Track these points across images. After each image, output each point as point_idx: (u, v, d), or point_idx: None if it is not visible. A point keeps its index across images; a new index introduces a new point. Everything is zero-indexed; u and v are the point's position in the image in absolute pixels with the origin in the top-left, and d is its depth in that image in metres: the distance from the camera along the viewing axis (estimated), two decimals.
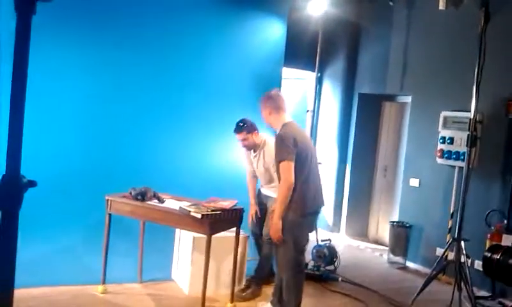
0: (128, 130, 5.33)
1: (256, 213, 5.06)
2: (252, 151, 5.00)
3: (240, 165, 5.36)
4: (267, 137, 4.96)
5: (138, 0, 5.52)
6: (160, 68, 5.60)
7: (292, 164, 3.87)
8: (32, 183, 1.23)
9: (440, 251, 5.86)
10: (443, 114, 6.26)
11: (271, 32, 6.51)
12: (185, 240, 5.03)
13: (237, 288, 4.81)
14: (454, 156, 6.07)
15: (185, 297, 4.83)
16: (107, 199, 4.57)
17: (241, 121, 4.86)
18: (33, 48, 1.32)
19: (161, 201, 4.61)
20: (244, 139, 4.85)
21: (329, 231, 8.15)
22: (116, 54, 5.36)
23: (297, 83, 8.11)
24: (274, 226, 3.93)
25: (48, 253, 4.70)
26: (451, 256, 5.14)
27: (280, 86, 6.20)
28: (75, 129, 5.02)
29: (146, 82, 5.45)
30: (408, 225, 6.83)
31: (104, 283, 4.65)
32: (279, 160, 3.94)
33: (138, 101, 5.39)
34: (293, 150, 3.89)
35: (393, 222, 7.04)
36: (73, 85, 5.07)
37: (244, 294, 4.92)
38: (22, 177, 1.21)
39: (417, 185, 6.86)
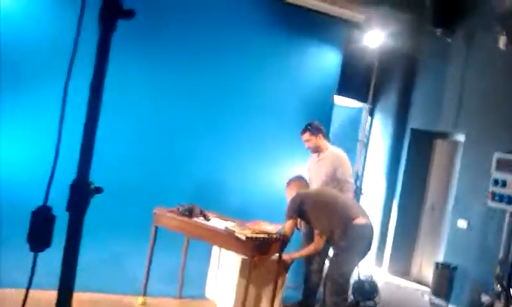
0: (181, 147, 5.45)
1: None
2: (316, 155, 5.15)
3: None
4: (335, 149, 5.16)
5: (200, 25, 5.68)
6: (217, 90, 5.73)
7: None
8: (99, 190, 1.31)
9: (485, 298, 5.68)
10: (497, 155, 6.10)
11: (326, 60, 6.56)
12: (227, 261, 5.05)
13: None
14: (507, 200, 5.89)
15: None
16: (155, 213, 4.67)
17: (309, 123, 5.12)
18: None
19: (207, 219, 4.68)
20: (307, 140, 5.11)
21: (371, 266, 8.02)
22: (177, 74, 5.54)
23: (348, 112, 8.08)
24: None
25: (94, 260, 4.80)
26: (498, 305, 4.97)
27: (330, 114, 6.21)
28: (130, 142, 5.17)
29: (202, 104, 5.59)
30: (453, 267, 6.65)
31: (144, 294, 4.73)
32: None
33: (193, 121, 5.52)
34: None
35: (438, 263, 6.87)
36: (135, 100, 5.24)
37: None
38: (90, 183, 1.29)
39: (465, 226, 6.69)
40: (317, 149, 5.16)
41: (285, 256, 4.57)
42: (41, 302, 2.09)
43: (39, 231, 1.32)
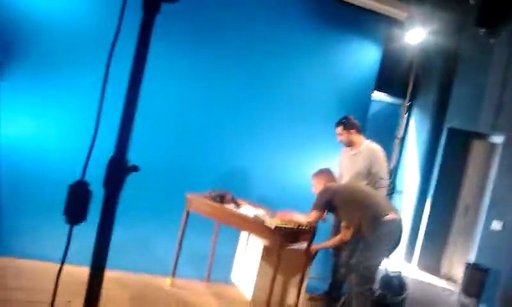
0: (216, 135, 5.50)
1: None
2: (350, 149, 5.13)
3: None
4: (371, 143, 5.10)
5: (240, 18, 5.70)
6: (253, 82, 5.75)
7: None
8: (135, 168, 1.34)
9: None
10: None
11: (366, 55, 6.51)
12: (253, 248, 5.11)
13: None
14: None
15: (247, 303, 4.90)
16: (188, 197, 4.73)
17: (343, 117, 5.10)
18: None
19: (238, 205, 4.72)
20: (339, 134, 5.10)
21: (401, 261, 7.96)
22: (213, 65, 5.58)
23: (386, 108, 8.00)
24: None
25: (125, 239, 4.89)
26: None
27: (367, 109, 6.16)
28: (166, 126, 5.24)
29: (239, 95, 5.62)
30: (484, 268, 6.55)
31: (173, 275, 4.82)
32: None
33: (228, 110, 5.56)
34: None
35: (469, 263, 6.77)
36: (172, 86, 5.30)
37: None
38: (127, 161, 1.32)
39: (500, 228, 6.57)
40: (349, 144, 5.13)
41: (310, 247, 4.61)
42: (73, 277, 2.15)
43: (75, 205, 1.36)
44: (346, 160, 5.17)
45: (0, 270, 4.23)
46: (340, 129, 5.08)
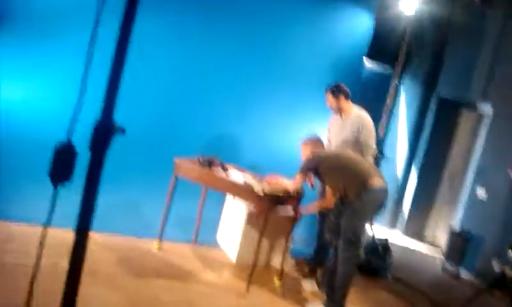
0: (205, 101, 5.46)
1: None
2: (340, 116, 5.13)
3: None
4: (360, 111, 5.09)
5: None
6: (243, 48, 5.69)
7: None
8: (121, 130, 1.33)
9: (497, 266, 5.71)
10: None
11: (357, 25, 6.47)
12: (238, 212, 5.15)
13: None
14: None
15: (233, 265, 4.97)
16: (176, 162, 4.73)
17: (333, 84, 5.08)
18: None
19: (226, 171, 4.74)
20: (328, 100, 5.09)
21: (386, 227, 8.07)
22: (204, 30, 5.51)
23: (377, 76, 7.98)
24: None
25: (112, 202, 4.91)
26: (510, 272, 5.00)
27: (359, 77, 6.15)
28: (154, 91, 5.19)
29: (229, 61, 5.56)
30: (467, 234, 6.67)
31: (160, 239, 4.85)
32: None
33: (219, 76, 5.51)
34: None
35: (453, 228, 6.89)
36: (162, 50, 5.23)
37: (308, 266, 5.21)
38: (113, 123, 1.31)
39: (484, 196, 6.67)
40: (338, 111, 5.12)
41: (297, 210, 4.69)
42: (60, 240, 2.17)
43: (60, 166, 1.35)
44: (335, 126, 5.18)
45: None
46: (329, 96, 5.07)
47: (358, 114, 5.05)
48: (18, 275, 3.52)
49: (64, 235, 1.48)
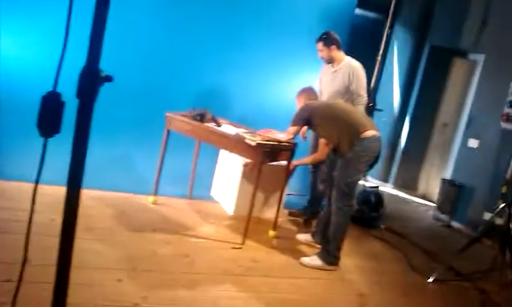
0: (194, 52, 5.36)
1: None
2: (331, 66, 5.11)
3: None
4: (351, 60, 5.05)
5: None
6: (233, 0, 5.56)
7: None
8: (108, 78, 1.31)
9: (488, 216, 5.79)
10: None
11: None
12: (233, 165, 5.17)
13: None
14: None
15: (229, 217, 5.03)
16: (167, 116, 4.71)
17: (324, 33, 5.04)
18: None
19: (218, 124, 4.72)
20: (320, 50, 5.05)
21: (378, 179, 8.14)
22: None
23: (368, 24, 7.87)
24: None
25: (106, 158, 4.91)
26: (499, 221, 5.08)
27: (349, 26, 6.05)
28: (147, 44, 5.09)
29: (218, 12, 5.44)
30: (459, 184, 6.73)
31: (155, 194, 4.88)
32: None
33: (208, 28, 5.39)
34: None
35: (445, 179, 6.95)
36: (151, 4, 5.11)
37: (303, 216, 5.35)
38: (100, 70, 1.29)
39: (476, 146, 6.71)
40: (330, 60, 5.08)
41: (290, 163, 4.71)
42: (56, 197, 2.16)
43: (49, 117, 1.34)
44: (326, 77, 5.15)
45: None
46: (320, 45, 5.03)
47: (349, 63, 5.02)
48: (13, 231, 3.54)
49: (59, 192, 1.48)
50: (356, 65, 5.00)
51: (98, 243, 3.75)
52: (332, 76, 5.06)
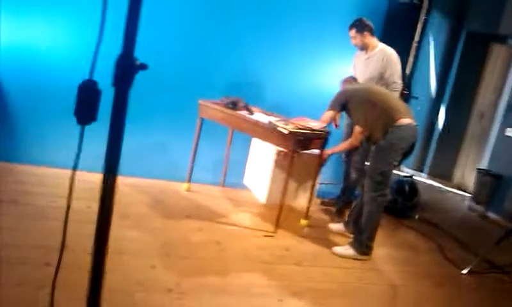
0: (229, 41, 5.37)
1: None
2: (364, 52, 5.07)
3: (333, 90, 5.33)
4: (385, 47, 5.00)
5: None
6: None
7: None
8: (143, 66, 1.32)
9: None
10: None
11: None
12: (266, 153, 5.18)
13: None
14: None
15: (261, 205, 5.04)
16: (200, 104, 4.74)
17: (356, 19, 5.00)
18: None
19: (251, 112, 4.73)
20: (353, 37, 5.01)
21: (412, 169, 8.03)
22: None
23: (404, 10, 7.72)
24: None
25: (141, 146, 4.98)
26: None
27: (383, 11, 5.96)
28: (181, 31, 5.12)
29: (252, 1, 5.44)
30: (496, 174, 6.59)
31: (189, 181, 4.94)
32: None
33: (243, 17, 5.39)
34: None
35: (481, 169, 6.81)
36: None
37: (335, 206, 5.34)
38: (135, 58, 1.31)
39: None
40: (363, 47, 5.03)
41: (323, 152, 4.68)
42: (94, 184, 2.20)
43: (85, 105, 1.36)
44: (360, 63, 5.09)
45: (22, 176, 4.36)
46: (353, 32, 4.97)
47: (383, 50, 4.96)
48: (51, 217, 3.64)
49: (96, 179, 1.51)
50: (390, 51, 4.93)
51: (133, 229, 3.82)
52: (366, 63, 5.01)
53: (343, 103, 4.34)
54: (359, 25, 4.93)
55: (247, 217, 4.67)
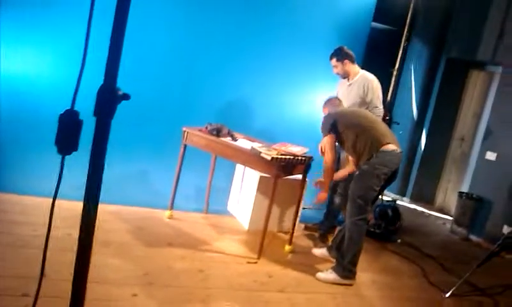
0: (212, 68, 5.41)
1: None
2: (347, 80, 5.14)
3: (316, 117, 5.37)
4: (366, 73, 5.08)
5: None
6: (250, 13, 5.59)
7: None
8: (126, 96, 1.33)
9: (506, 229, 5.72)
10: None
11: None
12: (249, 179, 5.19)
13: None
14: None
15: (245, 232, 5.03)
16: (184, 131, 4.75)
17: (337, 48, 5.07)
18: None
19: (234, 139, 4.74)
20: (334, 66, 5.08)
21: (395, 193, 8.09)
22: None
23: (385, 38, 7.86)
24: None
25: (123, 174, 4.96)
26: None
27: (365, 39, 6.06)
28: (164, 58, 5.15)
29: (236, 28, 5.48)
30: (477, 198, 6.66)
31: (171, 208, 4.91)
32: None
33: (225, 43, 5.44)
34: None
35: (462, 193, 6.89)
36: (167, 17, 5.16)
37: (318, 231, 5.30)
38: (117, 89, 1.32)
39: (494, 159, 6.63)
40: (345, 75, 5.11)
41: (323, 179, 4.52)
42: (74, 212, 2.19)
43: (66, 134, 1.36)
44: (343, 90, 5.17)
45: (5, 205, 4.31)
46: (334, 61, 5.06)
47: (363, 76, 5.05)
48: (31, 246, 3.59)
49: (77, 207, 1.50)
50: (371, 78, 5.03)
51: (115, 257, 3.77)
52: (348, 90, 5.09)
53: (332, 125, 4.30)
54: (339, 54, 5.02)
55: (230, 244, 4.65)
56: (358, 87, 5.00)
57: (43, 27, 4.71)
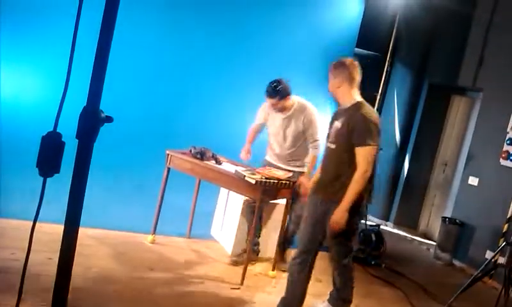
0: (195, 92, 5.44)
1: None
2: (281, 113, 4.75)
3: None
4: (301, 101, 4.73)
5: None
6: (231, 36, 5.65)
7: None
8: (109, 119, 1.32)
9: (489, 254, 5.75)
10: None
11: (347, 10, 6.43)
12: (233, 204, 5.16)
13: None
14: None
15: (228, 257, 4.97)
16: (168, 154, 4.72)
17: (275, 84, 4.55)
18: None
19: (218, 162, 4.73)
20: (273, 104, 4.62)
21: (378, 218, 8.10)
22: (192, 19, 5.46)
23: (367, 63, 7.95)
24: (341, 218, 3.51)
25: (105, 197, 4.91)
26: (501, 260, 5.04)
27: None
28: (148, 83, 5.17)
29: (216, 49, 5.52)
30: (460, 223, 6.70)
31: (154, 233, 4.85)
32: (361, 143, 3.60)
33: (209, 66, 5.48)
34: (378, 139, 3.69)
35: (446, 218, 6.92)
36: (150, 41, 5.19)
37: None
38: (100, 111, 1.31)
39: (476, 184, 6.69)
40: (282, 110, 4.72)
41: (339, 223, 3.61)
42: (55, 236, 2.15)
43: (48, 157, 1.35)
44: (277, 120, 4.80)
45: None
46: (275, 100, 4.59)
47: (300, 105, 4.72)
48: (10, 271, 3.51)
49: (58, 230, 1.47)
50: (310, 110, 4.71)
51: (96, 282, 3.71)
52: (284, 122, 4.75)
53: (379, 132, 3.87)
54: (282, 92, 4.58)
55: (213, 269, 4.60)
56: (296, 119, 4.69)
57: (26, 48, 4.70)
